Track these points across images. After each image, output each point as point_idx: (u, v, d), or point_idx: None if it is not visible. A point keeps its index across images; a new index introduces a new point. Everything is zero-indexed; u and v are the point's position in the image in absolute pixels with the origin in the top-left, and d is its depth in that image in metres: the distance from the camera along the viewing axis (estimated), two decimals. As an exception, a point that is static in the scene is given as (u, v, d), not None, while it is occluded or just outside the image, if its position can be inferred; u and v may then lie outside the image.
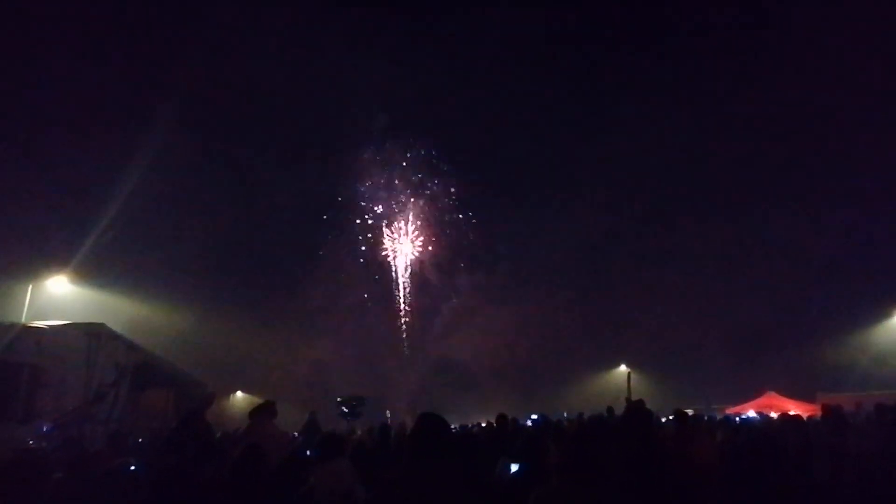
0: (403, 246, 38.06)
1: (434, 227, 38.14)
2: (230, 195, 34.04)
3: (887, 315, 30.84)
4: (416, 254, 38.07)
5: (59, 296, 22.10)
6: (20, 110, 26.45)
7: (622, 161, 35.21)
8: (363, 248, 37.62)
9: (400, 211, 38.22)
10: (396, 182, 38.07)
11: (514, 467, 4.53)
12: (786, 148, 34.47)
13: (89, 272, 24.14)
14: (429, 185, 38.07)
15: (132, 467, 5.84)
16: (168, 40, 30.77)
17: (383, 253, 37.80)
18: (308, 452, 7.48)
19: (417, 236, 38.19)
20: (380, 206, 38.09)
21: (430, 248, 38.08)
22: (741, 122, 34.20)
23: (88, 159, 28.17)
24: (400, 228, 38.10)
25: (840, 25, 29.84)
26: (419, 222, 38.23)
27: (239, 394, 31.29)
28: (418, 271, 38.18)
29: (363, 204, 37.74)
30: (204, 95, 29.80)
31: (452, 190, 37.81)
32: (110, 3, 29.34)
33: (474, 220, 37.58)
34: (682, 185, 35.38)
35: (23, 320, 16.47)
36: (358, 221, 37.53)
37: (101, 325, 14.17)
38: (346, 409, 16.17)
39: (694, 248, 34.60)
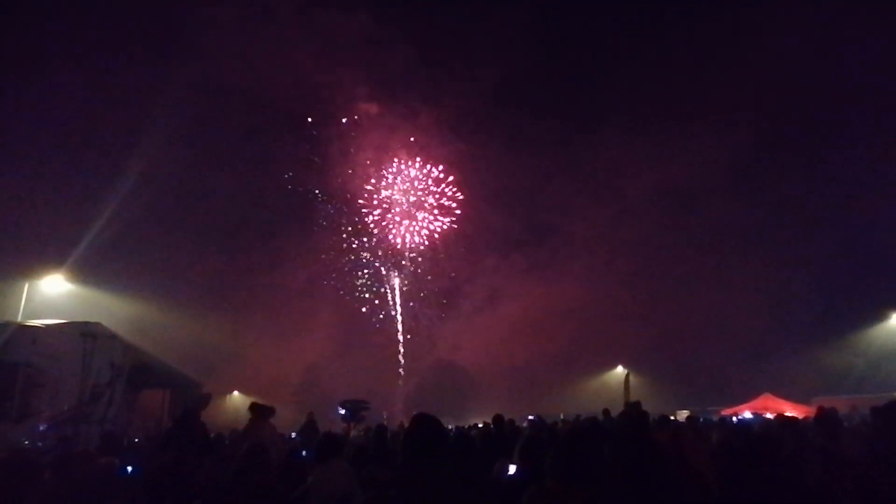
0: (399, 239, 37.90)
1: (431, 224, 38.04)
2: (224, 194, 33.99)
3: (883, 318, 30.94)
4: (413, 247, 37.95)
5: (54, 294, 22.03)
6: (16, 111, 26.40)
7: (621, 173, 35.42)
8: (359, 240, 37.38)
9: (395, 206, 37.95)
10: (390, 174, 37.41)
11: (513, 469, 4.53)
12: (785, 153, 34.62)
13: (85, 271, 24.10)
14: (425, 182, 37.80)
15: (128, 468, 5.82)
16: (158, 41, 30.68)
17: (380, 255, 37.69)
18: (304, 453, 7.48)
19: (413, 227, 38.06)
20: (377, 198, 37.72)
21: (425, 248, 38.05)
22: (736, 130, 34.26)
23: (84, 159, 28.17)
24: (395, 220, 37.92)
25: (839, 33, 29.90)
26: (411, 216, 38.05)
27: (235, 394, 31.24)
28: (414, 272, 38.20)
29: (360, 200, 37.40)
30: (196, 95, 29.73)
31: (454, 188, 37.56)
32: (102, 6, 29.21)
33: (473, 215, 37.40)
34: (682, 188, 35.49)
35: (18, 319, 16.43)
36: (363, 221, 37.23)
37: (97, 325, 14.08)
38: (348, 413, 16.10)
39: (691, 251, 34.77)
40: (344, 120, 35.88)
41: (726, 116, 33.88)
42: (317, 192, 36.31)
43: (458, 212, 37.59)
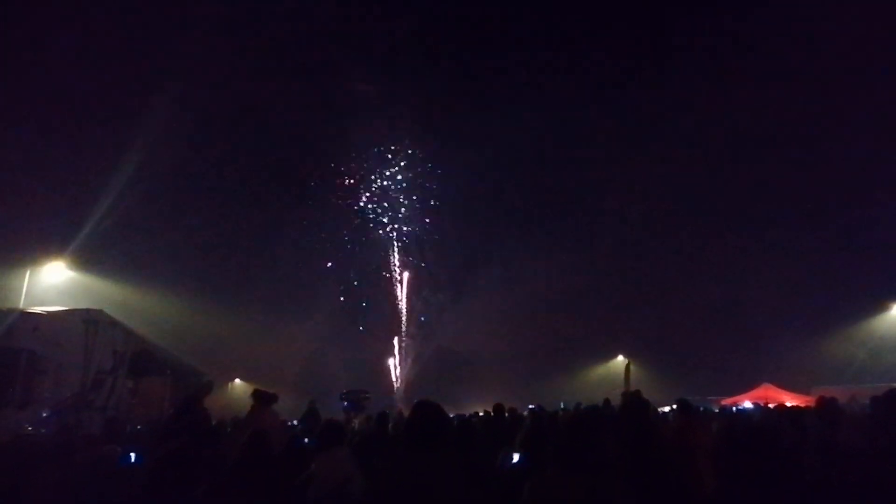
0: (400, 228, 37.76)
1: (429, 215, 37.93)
2: (225, 180, 33.88)
3: (884, 309, 30.92)
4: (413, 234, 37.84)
5: (56, 282, 22.04)
6: (16, 97, 26.23)
7: (625, 163, 35.23)
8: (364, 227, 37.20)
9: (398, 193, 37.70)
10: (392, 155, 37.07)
11: (516, 457, 4.54)
12: (784, 146, 34.48)
13: (87, 258, 24.09)
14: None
15: (132, 455, 5.85)
16: (160, 25, 30.24)
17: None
18: (306, 440, 7.51)
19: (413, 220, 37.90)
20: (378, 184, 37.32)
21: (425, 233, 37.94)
22: (738, 123, 34.01)
23: (86, 146, 28.06)
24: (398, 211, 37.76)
25: (839, 27, 29.59)
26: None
27: (237, 381, 31.37)
28: (417, 259, 38.19)
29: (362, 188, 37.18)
30: (198, 81, 29.47)
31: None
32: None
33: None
34: (682, 181, 35.28)
35: (20, 306, 16.46)
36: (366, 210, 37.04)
37: (99, 312, 14.15)
38: (350, 405, 16.21)
39: (693, 241, 34.72)
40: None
41: (729, 107, 33.65)
42: (315, 172, 36.12)
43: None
